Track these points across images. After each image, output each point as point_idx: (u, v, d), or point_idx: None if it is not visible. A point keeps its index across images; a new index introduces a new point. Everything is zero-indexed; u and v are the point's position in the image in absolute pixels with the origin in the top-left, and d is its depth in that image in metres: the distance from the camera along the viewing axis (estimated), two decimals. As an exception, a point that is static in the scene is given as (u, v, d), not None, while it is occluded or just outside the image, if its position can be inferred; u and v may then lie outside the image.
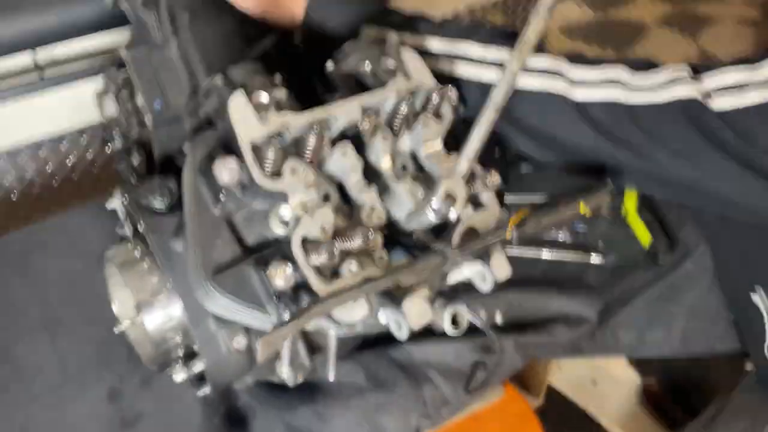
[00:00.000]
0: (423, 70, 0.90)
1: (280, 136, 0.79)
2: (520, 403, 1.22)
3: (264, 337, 0.67)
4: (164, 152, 0.93)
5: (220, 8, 0.92)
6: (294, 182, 0.77)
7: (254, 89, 0.82)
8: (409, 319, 0.74)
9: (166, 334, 0.84)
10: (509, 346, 1.06)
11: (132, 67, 0.88)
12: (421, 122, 0.86)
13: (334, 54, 0.92)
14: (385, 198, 0.85)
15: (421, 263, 0.76)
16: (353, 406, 0.98)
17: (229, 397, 0.99)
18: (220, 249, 0.77)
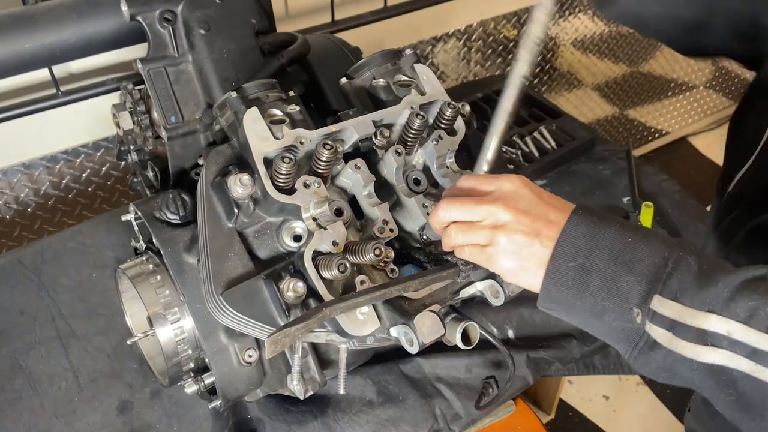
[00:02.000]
0: (436, 84, 0.90)
1: (294, 151, 0.80)
2: (531, 418, 1.20)
3: (271, 336, 0.67)
4: (178, 166, 0.93)
5: (236, 24, 0.93)
6: (306, 196, 0.77)
7: (268, 104, 0.83)
8: (420, 334, 0.73)
9: (178, 347, 0.84)
10: (521, 361, 1.05)
11: (148, 82, 0.89)
12: (434, 137, 0.86)
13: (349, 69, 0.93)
14: (397, 212, 0.85)
15: (433, 274, 0.76)
16: (363, 420, 0.98)
17: (239, 409, 0.99)
18: (232, 262, 0.78)
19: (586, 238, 0.61)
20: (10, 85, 1.26)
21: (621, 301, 0.59)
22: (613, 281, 0.59)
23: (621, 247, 0.59)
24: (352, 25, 1.47)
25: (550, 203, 0.65)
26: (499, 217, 0.65)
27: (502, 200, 0.65)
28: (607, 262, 0.60)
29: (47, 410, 0.99)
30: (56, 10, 0.94)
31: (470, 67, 1.94)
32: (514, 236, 0.64)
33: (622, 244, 0.60)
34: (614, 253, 0.60)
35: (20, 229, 1.42)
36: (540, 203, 0.65)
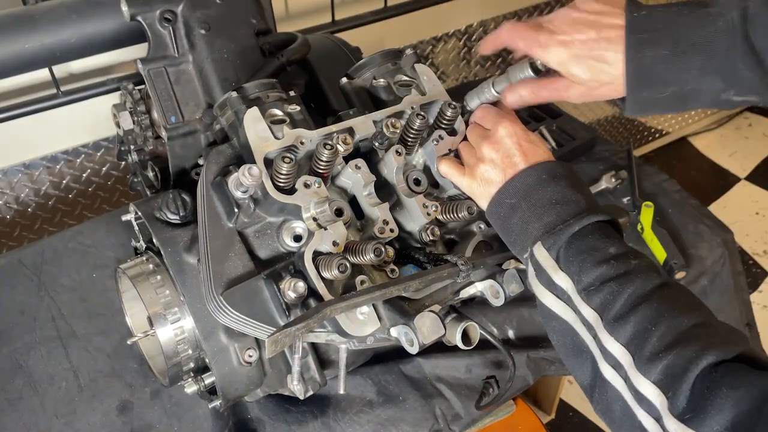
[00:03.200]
0: (437, 84, 0.90)
1: (294, 151, 0.80)
2: (531, 418, 1.21)
3: (271, 335, 0.67)
4: (178, 166, 0.93)
5: (236, 24, 0.93)
6: (307, 196, 0.77)
7: (269, 104, 0.83)
8: (420, 334, 0.73)
9: (178, 347, 0.84)
10: (521, 361, 1.05)
11: (148, 82, 0.89)
12: (434, 137, 0.86)
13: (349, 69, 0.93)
14: (397, 212, 0.85)
15: (433, 274, 0.76)
16: (363, 420, 0.98)
17: (239, 409, 0.99)
18: (232, 262, 0.78)
19: (525, 187, 0.76)
20: (10, 85, 1.26)
21: (523, 239, 0.75)
22: (524, 224, 0.75)
23: (542, 203, 0.74)
24: (352, 25, 1.47)
25: (525, 151, 0.79)
26: (482, 153, 0.81)
27: (490, 141, 0.81)
28: (527, 210, 0.75)
29: (47, 410, 0.99)
30: (56, 10, 0.94)
31: (470, 67, 1.94)
32: (485, 170, 0.80)
33: (546, 200, 0.74)
34: (536, 205, 0.75)
35: (20, 229, 1.42)
36: (515, 151, 0.79)
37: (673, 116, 2.69)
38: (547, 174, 0.76)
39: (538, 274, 0.72)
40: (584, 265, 0.68)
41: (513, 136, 0.80)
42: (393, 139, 0.83)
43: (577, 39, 0.75)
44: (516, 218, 0.75)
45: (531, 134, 0.82)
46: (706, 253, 1.25)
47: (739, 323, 1.29)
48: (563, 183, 0.75)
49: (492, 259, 0.82)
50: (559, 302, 0.71)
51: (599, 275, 0.67)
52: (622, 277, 0.66)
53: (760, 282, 2.31)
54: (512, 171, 0.77)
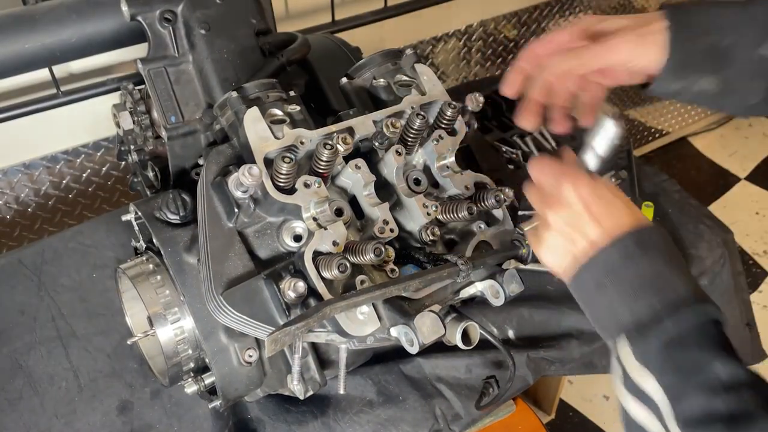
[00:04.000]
0: (437, 84, 0.90)
1: (294, 151, 0.80)
2: (531, 418, 1.21)
3: (271, 334, 0.67)
4: (178, 166, 0.93)
5: (236, 24, 0.93)
6: (307, 196, 0.77)
7: (269, 104, 0.83)
8: (420, 334, 0.73)
9: (178, 347, 0.84)
10: (521, 361, 1.05)
11: (148, 82, 0.89)
12: (434, 137, 0.86)
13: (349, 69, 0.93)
14: (397, 212, 0.85)
15: (433, 274, 0.76)
16: (363, 420, 0.98)
17: (239, 409, 1.00)
18: (232, 262, 0.78)
19: (610, 265, 0.66)
20: (10, 85, 1.26)
21: (609, 326, 0.67)
22: (611, 307, 0.66)
23: (632, 285, 0.65)
24: (352, 25, 1.47)
25: (597, 216, 0.68)
26: (549, 220, 0.71)
27: (554, 206, 0.71)
28: (615, 292, 0.66)
29: (47, 410, 0.99)
30: (56, 10, 0.94)
31: (470, 67, 1.94)
32: (554, 240, 0.71)
33: (636, 282, 0.65)
34: (623, 286, 0.65)
35: (20, 229, 1.42)
36: (585, 217, 0.68)
37: (672, 116, 2.69)
38: (635, 246, 0.66)
39: (624, 376, 0.63)
40: (685, 385, 0.58)
41: (580, 200, 0.69)
42: (393, 139, 0.83)
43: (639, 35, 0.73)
44: (602, 300, 0.67)
45: (602, 189, 0.69)
46: (706, 253, 1.25)
47: (739, 323, 1.29)
48: (656, 257, 0.65)
49: (492, 259, 0.83)
50: (646, 413, 0.61)
51: (705, 408, 0.56)
52: (737, 421, 0.55)
53: (760, 282, 2.31)
54: (590, 248, 0.67)
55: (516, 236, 0.85)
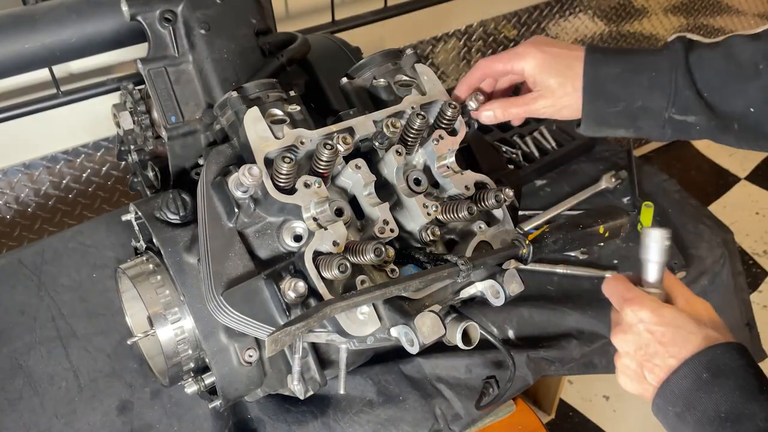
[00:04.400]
0: (437, 84, 0.90)
1: (294, 151, 0.80)
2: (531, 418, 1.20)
3: (271, 334, 0.67)
4: (179, 166, 0.93)
5: (236, 24, 0.93)
6: (307, 196, 0.77)
7: (269, 104, 0.83)
8: (420, 334, 0.73)
9: (178, 347, 0.84)
10: (521, 361, 1.05)
11: (148, 82, 0.89)
12: (434, 137, 0.86)
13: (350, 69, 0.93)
14: (397, 212, 0.85)
15: (433, 274, 0.76)
16: (363, 420, 0.98)
17: (239, 409, 1.00)
18: (232, 262, 0.78)
19: (684, 393, 0.66)
20: (10, 85, 1.26)
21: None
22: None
23: (709, 418, 0.64)
24: (352, 25, 1.47)
25: (663, 342, 0.68)
26: (617, 346, 0.73)
27: (618, 332, 0.72)
28: (695, 425, 0.65)
29: (47, 410, 0.99)
30: (56, 10, 0.94)
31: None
32: (625, 368, 0.72)
33: (713, 413, 0.64)
34: (702, 421, 0.64)
35: (20, 229, 1.42)
36: (652, 343, 0.68)
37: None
38: (707, 372, 0.65)
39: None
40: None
41: (644, 323, 0.69)
42: (393, 139, 0.83)
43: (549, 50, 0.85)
44: (686, 428, 0.66)
45: (666, 311, 0.69)
46: (706, 253, 1.25)
47: (739, 323, 1.29)
48: (730, 384, 0.64)
49: (492, 259, 0.82)
50: None
51: None
52: None
53: (760, 282, 2.31)
54: (659, 373, 0.68)
55: (516, 236, 0.85)
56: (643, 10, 2.29)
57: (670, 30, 2.42)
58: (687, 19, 2.45)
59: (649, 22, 2.34)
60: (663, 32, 2.41)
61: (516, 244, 0.85)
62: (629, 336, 0.70)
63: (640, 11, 2.28)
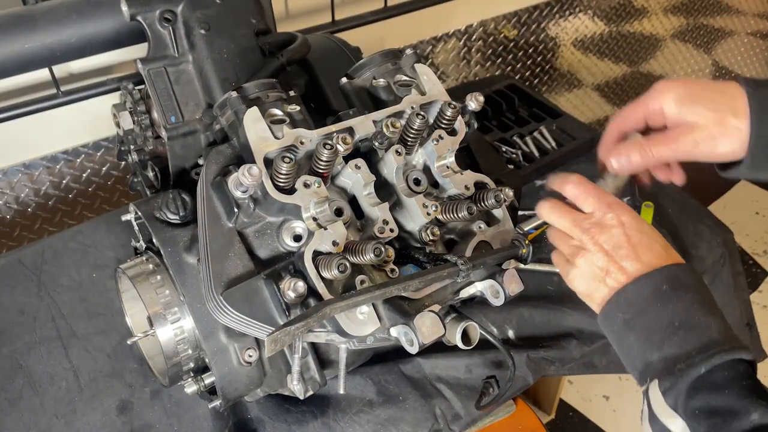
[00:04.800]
0: (437, 84, 0.90)
1: (294, 151, 0.80)
2: (531, 418, 1.20)
3: (271, 334, 0.67)
4: (178, 166, 0.93)
5: (236, 24, 0.93)
6: (306, 196, 0.77)
7: (269, 104, 0.83)
8: (420, 334, 0.73)
9: (178, 347, 0.84)
10: (521, 361, 1.05)
11: (148, 82, 0.89)
12: (434, 137, 0.86)
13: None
14: (397, 212, 0.85)
15: (433, 274, 0.76)
16: (363, 420, 0.98)
17: (239, 409, 1.00)
18: (232, 262, 0.78)
19: (641, 301, 0.65)
20: (10, 85, 1.26)
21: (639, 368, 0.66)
22: (641, 349, 0.65)
23: (661, 325, 0.64)
24: (352, 25, 1.47)
25: (637, 247, 0.67)
26: (584, 244, 0.70)
27: (593, 231, 0.70)
28: (644, 332, 0.65)
29: (47, 410, 0.99)
30: (56, 10, 0.94)
31: (470, 67, 1.94)
32: (587, 267, 0.70)
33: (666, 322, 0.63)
34: (653, 327, 0.64)
35: (20, 229, 1.42)
36: (625, 246, 0.67)
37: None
38: (668, 284, 0.65)
39: (651, 415, 0.63)
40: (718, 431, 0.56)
41: (622, 226, 0.68)
42: (393, 139, 0.83)
43: (692, 84, 0.72)
44: (631, 339, 0.66)
45: (644, 223, 0.69)
46: (706, 253, 1.25)
47: (739, 323, 1.29)
48: (688, 298, 0.64)
49: (492, 259, 0.82)
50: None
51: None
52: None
53: (760, 282, 2.31)
54: (622, 276, 0.67)
55: (516, 236, 0.85)
56: (643, 10, 2.29)
57: (670, 30, 2.42)
58: (687, 19, 2.45)
59: (649, 22, 2.34)
60: (663, 32, 2.41)
61: (516, 244, 0.85)
62: (605, 236, 0.68)
63: (640, 11, 2.28)
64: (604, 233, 0.69)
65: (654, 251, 0.67)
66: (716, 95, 0.71)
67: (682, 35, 2.47)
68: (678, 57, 2.50)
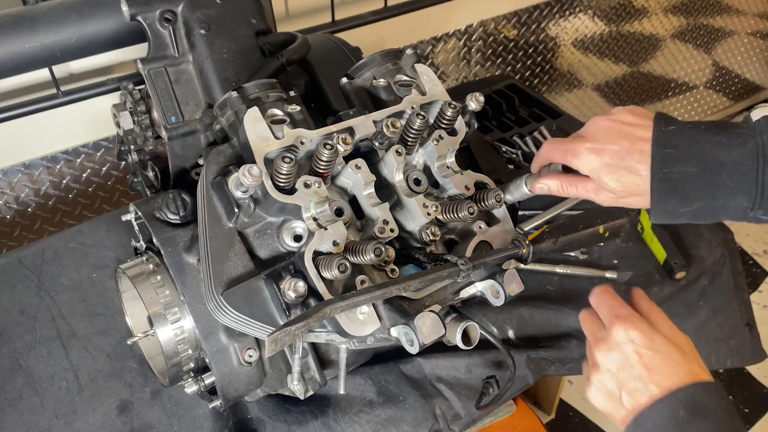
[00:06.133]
0: (437, 84, 0.90)
1: (294, 151, 0.80)
2: (531, 418, 1.20)
3: (271, 334, 0.67)
4: (179, 166, 0.93)
5: (236, 24, 0.93)
6: (307, 196, 0.77)
7: (269, 104, 0.83)
8: (420, 334, 0.73)
9: (178, 347, 0.84)
10: (521, 361, 1.05)
11: (148, 82, 0.89)
12: (434, 137, 0.86)
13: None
14: (397, 212, 0.85)
15: (433, 274, 0.76)
16: (363, 420, 0.98)
17: (239, 409, 1.00)
18: (232, 262, 0.78)
19: (658, 429, 0.63)
20: (10, 85, 1.26)
21: None
22: None
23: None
24: (352, 25, 1.47)
25: (649, 367, 0.66)
26: (597, 360, 0.70)
27: (603, 347, 0.70)
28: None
29: (47, 410, 0.99)
30: (56, 10, 0.94)
31: (470, 67, 1.94)
32: (601, 384, 0.71)
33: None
34: None
35: (20, 229, 1.42)
36: (637, 366, 0.67)
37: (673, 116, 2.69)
38: (684, 410, 0.63)
39: None
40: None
41: (632, 344, 0.67)
42: (393, 139, 0.83)
43: (609, 148, 0.74)
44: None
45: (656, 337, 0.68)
46: (706, 253, 1.25)
47: (739, 323, 1.29)
48: (707, 426, 0.62)
49: (492, 259, 0.82)
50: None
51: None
52: None
53: (760, 282, 2.31)
54: (639, 398, 0.65)
55: (516, 236, 0.85)
56: (643, 10, 2.29)
57: (670, 30, 2.42)
58: (687, 19, 2.45)
59: (649, 22, 2.34)
60: (663, 32, 2.41)
61: (516, 244, 0.85)
62: (615, 354, 0.68)
63: (640, 11, 2.28)
64: (613, 350, 0.68)
65: (668, 370, 0.65)
66: (628, 170, 0.73)
67: (682, 35, 2.47)
68: (678, 57, 2.50)
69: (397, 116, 0.85)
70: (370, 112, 0.86)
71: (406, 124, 0.83)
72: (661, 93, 2.58)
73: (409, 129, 0.83)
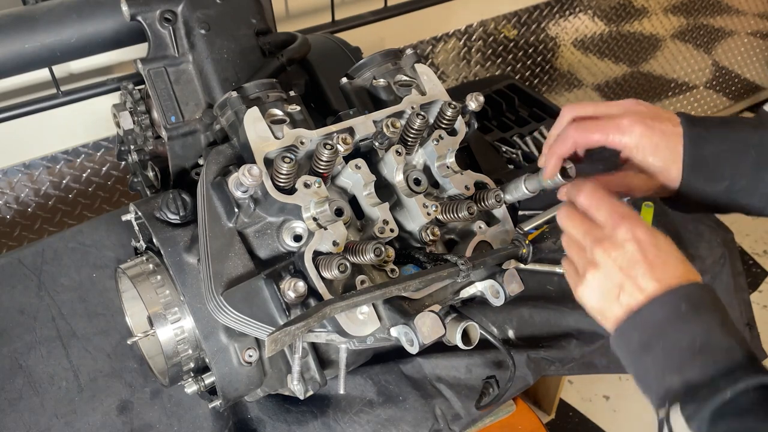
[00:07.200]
0: (437, 84, 0.90)
1: (294, 151, 0.80)
2: (531, 418, 1.20)
3: (271, 334, 0.67)
4: (179, 166, 0.93)
5: (236, 24, 0.93)
6: (307, 196, 0.77)
7: (269, 104, 0.83)
8: (420, 334, 0.73)
9: (178, 347, 0.84)
10: (521, 361, 1.05)
11: (148, 82, 0.89)
12: (434, 137, 0.86)
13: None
14: (397, 212, 0.85)
15: (433, 274, 0.76)
16: (363, 420, 0.98)
17: (239, 409, 1.00)
18: (232, 262, 0.78)
19: (658, 322, 0.62)
20: (10, 85, 1.26)
21: (659, 392, 0.63)
22: (659, 371, 0.62)
23: (681, 347, 0.61)
24: (352, 25, 1.47)
25: (652, 263, 0.65)
26: (596, 258, 0.67)
27: (606, 244, 0.67)
28: (663, 354, 0.62)
29: (47, 410, 0.99)
30: (56, 10, 0.94)
31: (470, 67, 1.94)
32: (599, 283, 0.67)
33: (686, 344, 0.61)
34: (673, 349, 0.62)
35: (20, 229, 1.42)
36: (640, 263, 0.65)
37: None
38: (686, 304, 0.62)
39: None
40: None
41: (636, 241, 0.65)
42: (393, 139, 0.83)
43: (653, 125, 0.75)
44: (649, 361, 0.63)
45: (659, 236, 0.67)
46: (706, 253, 1.25)
47: (739, 323, 1.29)
48: (708, 318, 0.62)
49: (492, 259, 0.82)
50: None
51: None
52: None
53: (760, 282, 2.31)
54: (639, 295, 0.64)
55: (516, 236, 0.85)
56: (643, 10, 2.29)
57: (670, 30, 2.42)
58: (687, 19, 2.45)
59: (649, 22, 2.34)
60: (663, 32, 2.41)
61: (516, 244, 0.85)
62: (619, 252, 0.65)
63: (640, 11, 2.28)
64: (617, 248, 0.66)
65: (670, 268, 0.64)
66: (669, 150, 0.75)
67: (682, 35, 2.47)
68: (678, 57, 2.50)
69: (397, 116, 0.85)
70: (370, 112, 0.86)
71: (406, 124, 0.83)
72: (661, 93, 2.58)
73: (409, 129, 0.83)
